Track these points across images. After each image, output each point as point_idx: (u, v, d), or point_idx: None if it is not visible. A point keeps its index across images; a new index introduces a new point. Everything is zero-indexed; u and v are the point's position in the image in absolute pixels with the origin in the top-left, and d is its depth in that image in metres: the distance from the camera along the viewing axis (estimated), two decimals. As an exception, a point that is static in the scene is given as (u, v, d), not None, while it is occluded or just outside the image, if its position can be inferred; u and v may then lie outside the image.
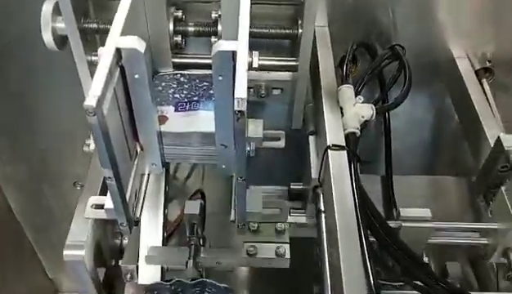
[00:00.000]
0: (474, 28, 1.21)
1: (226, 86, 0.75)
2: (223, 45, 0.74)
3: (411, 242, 0.98)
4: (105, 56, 0.72)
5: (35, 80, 1.32)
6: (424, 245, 0.98)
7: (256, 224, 0.97)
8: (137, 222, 0.90)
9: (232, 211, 0.88)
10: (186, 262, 0.98)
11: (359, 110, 0.94)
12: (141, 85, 0.78)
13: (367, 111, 0.94)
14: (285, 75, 1.10)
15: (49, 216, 1.70)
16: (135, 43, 0.74)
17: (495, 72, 1.23)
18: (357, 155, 0.89)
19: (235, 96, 0.68)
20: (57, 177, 1.60)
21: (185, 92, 0.99)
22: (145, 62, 0.76)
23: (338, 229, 0.77)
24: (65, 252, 0.95)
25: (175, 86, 1.00)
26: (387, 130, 1.20)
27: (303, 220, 1.01)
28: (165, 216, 1.07)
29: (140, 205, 0.92)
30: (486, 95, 1.19)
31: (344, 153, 0.87)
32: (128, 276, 1.08)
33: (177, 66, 1.05)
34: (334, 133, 0.91)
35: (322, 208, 0.93)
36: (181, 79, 1.02)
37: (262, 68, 1.13)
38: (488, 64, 1.22)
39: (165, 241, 1.05)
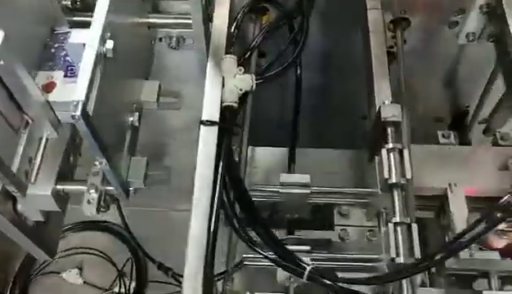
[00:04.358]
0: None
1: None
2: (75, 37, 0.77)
3: (294, 205, 1.06)
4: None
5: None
6: (306, 207, 1.05)
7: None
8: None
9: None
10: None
11: (238, 83, 0.96)
12: (9, 70, 0.81)
13: (246, 84, 0.96)
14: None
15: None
16: (-9, 37, 0.76)
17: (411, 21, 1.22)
18: (230, 129, 0.93)
19: (73, 98, 0.72)
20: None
21: None
22: (9, 49, 0.78)
23: (193, 202, 0.85)
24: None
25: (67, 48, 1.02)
26: (298, 83, 1.23)
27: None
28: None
29: (35, 170, 0.99)
30: (396, 44, 1.19)
31: (216, 128, 0.91)
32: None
33: (76, 24, 1.06)
34: (209, 107, 0.94)
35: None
36: None
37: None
38: (404, 14, 1.20)
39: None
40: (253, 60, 1.18)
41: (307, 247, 0.95)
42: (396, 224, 0.89)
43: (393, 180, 0.93)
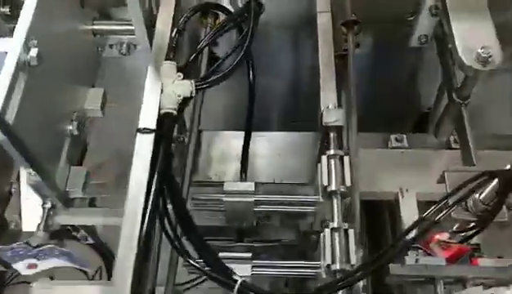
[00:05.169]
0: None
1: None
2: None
3: (238, 212, 1.05)
4: None
5: None
6: (251, 214, 1.03)
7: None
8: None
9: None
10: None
11: (176, 88, 0.94)
12: None
13: (185, 89, 0.94)
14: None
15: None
16: None
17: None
18: (168, 137, 0.92)
19: (-10, 108, 0.71)
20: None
21: None
22: None
23: (124, 217, 0.83)
24: None
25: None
26: (251, 86, 1.22)
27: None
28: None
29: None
30: (348, 48, 1.18)
31: (152, 136, 0.90)
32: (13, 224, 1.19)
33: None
34: (147, 114, 0.93)
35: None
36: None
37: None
38: (355, 17, 1.19)
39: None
40: (203, 65, 1.17)
41: (248, 255, 0.93)
42: (333, 229, 0.88)
43: (333, 187, 0.92)
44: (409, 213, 1.08)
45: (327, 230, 0.88)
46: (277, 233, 1.30)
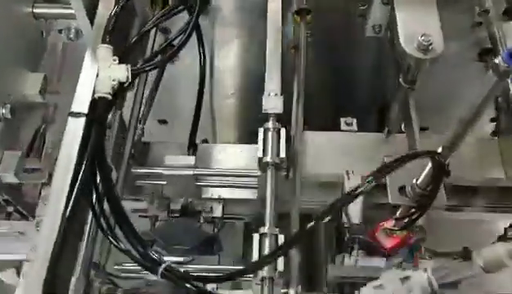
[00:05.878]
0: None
1: None
2: None
3: (180, 188, 1.04)
4: None
5: None
6: (192, 190, 1.02)
7: None
8: None
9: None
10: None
11: (112, 73, 0.92)
12: None
13: (120, 73, 0.92)
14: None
15: None
16: None
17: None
18: (101, 122, 0.89)
19: None
20: None
21: None
22: None
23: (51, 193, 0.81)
24: None
25: None
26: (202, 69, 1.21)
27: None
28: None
29: None
30: (300, 36, 1.16)
31: (83, 120, 0.88)
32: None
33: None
34: (80, 98, 0.91)
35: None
36: None
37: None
38: (307, 5, 1.17)
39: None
40: (148, 49, 1.15)
41: (180, 259, 0.93)
42: (262, 235, 0.85)
43: (268, 159, 0.91)
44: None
45: (256, 235, 0.85)
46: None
